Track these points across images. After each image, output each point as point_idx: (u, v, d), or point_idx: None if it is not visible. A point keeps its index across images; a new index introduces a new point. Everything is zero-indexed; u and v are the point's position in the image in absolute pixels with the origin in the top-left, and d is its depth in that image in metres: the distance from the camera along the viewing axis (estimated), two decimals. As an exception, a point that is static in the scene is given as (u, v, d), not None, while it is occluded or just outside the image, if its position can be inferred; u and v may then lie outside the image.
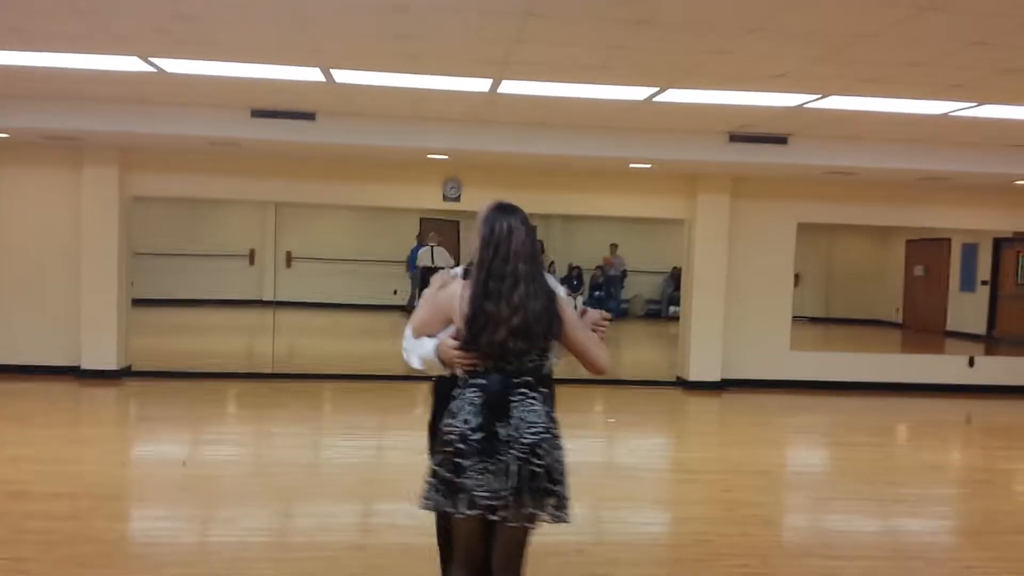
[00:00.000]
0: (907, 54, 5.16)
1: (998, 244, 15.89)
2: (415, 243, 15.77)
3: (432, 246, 14.20)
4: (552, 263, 18.71)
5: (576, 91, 6.58)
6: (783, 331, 10.33)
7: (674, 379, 10.43)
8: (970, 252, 16.98)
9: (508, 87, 6.51)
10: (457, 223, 16.54)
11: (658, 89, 6.43)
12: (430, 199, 10.03)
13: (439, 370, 3.05)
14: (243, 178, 9.67)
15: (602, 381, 10.27)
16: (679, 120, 7.85)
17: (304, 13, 4.73)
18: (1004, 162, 8.63)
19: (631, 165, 9.27)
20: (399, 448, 7.12)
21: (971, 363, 10.50)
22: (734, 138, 8.43)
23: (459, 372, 2.95)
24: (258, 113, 7.85)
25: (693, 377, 10.09)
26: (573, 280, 18.53)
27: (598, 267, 18.82)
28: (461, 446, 2.82)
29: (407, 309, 15.93)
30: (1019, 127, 7.39)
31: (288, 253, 15.68)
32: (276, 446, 7.23)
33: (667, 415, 9.21)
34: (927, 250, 18.24)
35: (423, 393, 3.11)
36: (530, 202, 9.72)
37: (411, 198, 10.22)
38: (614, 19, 4.66)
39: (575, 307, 3.09)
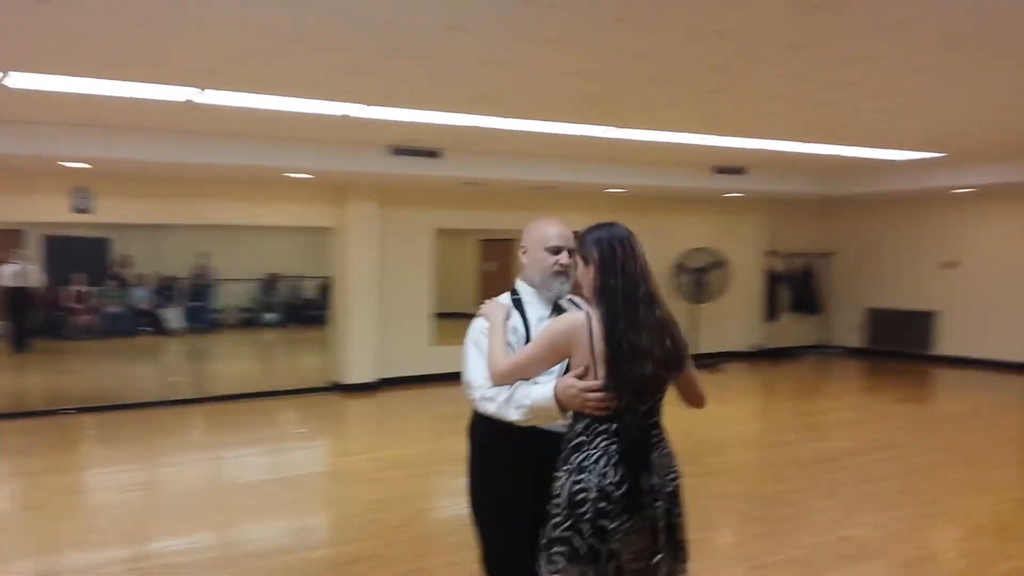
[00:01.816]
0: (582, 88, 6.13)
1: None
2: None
3: (22, 264, 12.37)
4: (140, 275, 17.41)
5: (275, 104, 6.52)
6: (426, 328, 11.12)
7: (328, 384, 10.63)
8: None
9: (210, 97, 6.24)
10: (19, 232, 14.54)
11: (364, 106, 6.66)
12: (53, 211, 8.92)
13: (548, 418, 2.57)
14: None
15: (256, 394, 10.13)
16: (346, 133, 8.08)
17: None
18: (593, 173, 10.33)
19: (288, 175, 9.26)
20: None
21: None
22: (397, 151, 8.92)
23: (562, 420, 2.57)
24: None
25: (352, 380, 10.40)
26: (167, 291, 17.45)
27: (193, 275, 17.92)
28: (603, 504, 2.41)
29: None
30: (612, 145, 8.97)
31: None
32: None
33: (337, 419, 9.40)
34: (497, 248, 20.52)
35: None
36: (173, 212, 9.45)
37: (30, 211, 8.98)
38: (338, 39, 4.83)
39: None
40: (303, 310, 19.42)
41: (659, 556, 2.47)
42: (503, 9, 4.08)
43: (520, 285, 2.91)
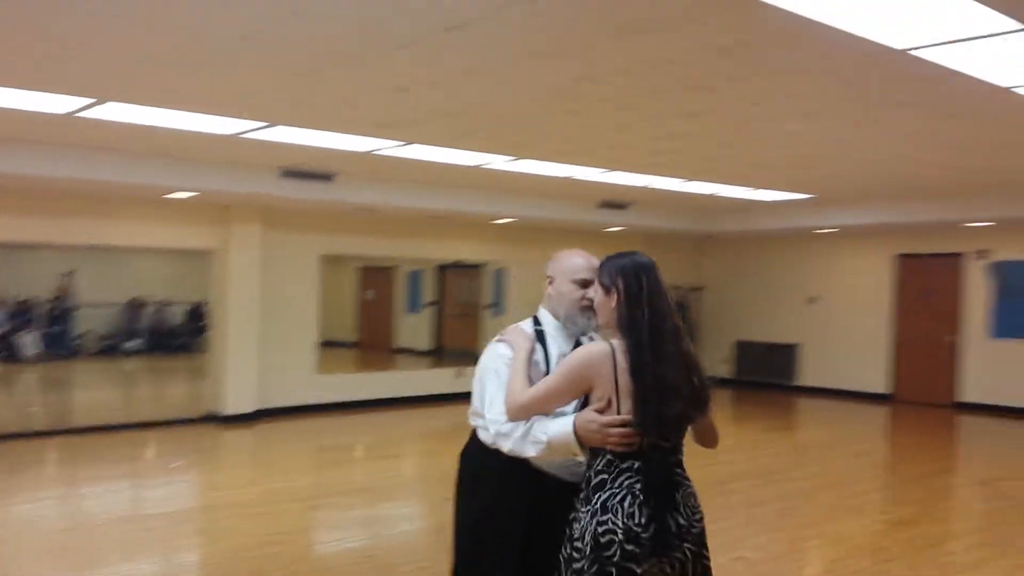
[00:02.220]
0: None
1: (442, 270, 18.50)
2: None
3: None
4: (-5, 297, 16.28)
5: (171, 120, 6.30)
6: (310, 357, 10.89)
7: (204, 414, 10.21)
8: (415, 277, 19.44)
9: (102, 111, 5.98)
10: None
11: (267, 124, 6.52)
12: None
13: (565, 453, 2.50)
14: None
15: (125, 425, 9.66)
16: (236, 153, 7.87)
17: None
18: (485, 203, 10.44)
19: (171, 195, 8.93)
20: None
21: (457, 375, 12.30)
22: (287, 174, 8.76)
23: (580, 457, 2.48)
24: None
25: (229, 411, 10.03)
26: (24, 315, 16.37)
27: (55, 298, 16.89)
28: (630, 547, 2.30)
29: None
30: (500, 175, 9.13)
31: None
32: None
33: (217, 451, 9.04)
34: (376, 276, 20.34)
35: None
36: (50, 231, 8.90)
37: None
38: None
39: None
40: (170, 337, 18.65)
41: None
42: (426, 37, 4.12)
43: (543, 315, 2.80)
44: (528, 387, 2.51)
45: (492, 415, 2.58)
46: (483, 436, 2.70)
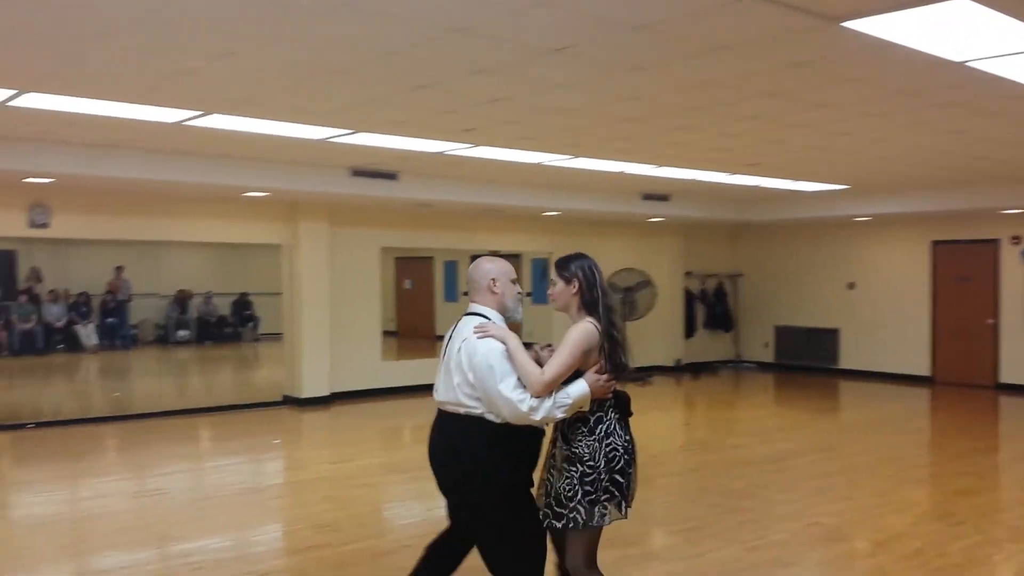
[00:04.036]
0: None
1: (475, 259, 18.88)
2: None
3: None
4: (53, 291, 16.87)
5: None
6: (376, 344, 11.43)
7: (280, 398, 10.84)
8: (451, 267, 19.91)
9: (208, 121, 6.46)
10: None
11: (350, 131, 6.97)
12: (11, 226, 8.85)
13: (581, 409, 3.27)
14: None
15: (207, 409, 10.24)
16: (310, 154, 8.30)
17: None
18: (535, 198, 10.90)
19: (248, 194, 9.42)
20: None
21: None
22: (356, 173, 9.23)
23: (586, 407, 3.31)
24: None
25: (305, 394, 10.62)
26: (82, 308, 16.96)
27: (107, 292, 17.47)
28: (627, 456, 3.32)
29: None
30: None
31: None
32: None
33: (299, 431, 9.59)
34: (414, 266, 20.83)
35: None
36: (122, 228, 9.41)
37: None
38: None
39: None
40: (217, 327, 19.21)
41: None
42: (527, 56, 4.62)
43: (488, 312, 3.44)
44: (536, 368, 3.20)
45: (516, 395, 3.16)
46: (492, 417, 3.26)
